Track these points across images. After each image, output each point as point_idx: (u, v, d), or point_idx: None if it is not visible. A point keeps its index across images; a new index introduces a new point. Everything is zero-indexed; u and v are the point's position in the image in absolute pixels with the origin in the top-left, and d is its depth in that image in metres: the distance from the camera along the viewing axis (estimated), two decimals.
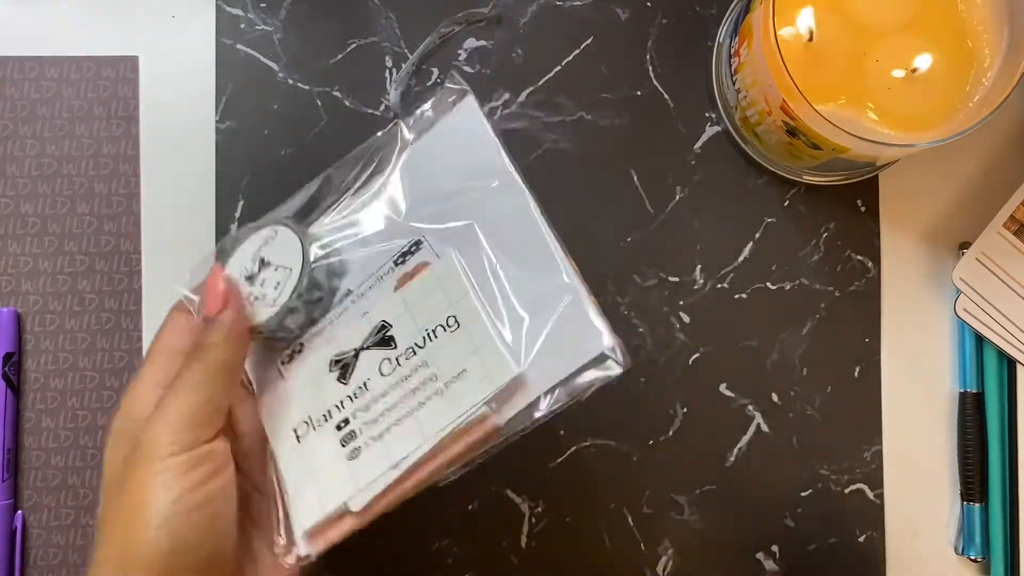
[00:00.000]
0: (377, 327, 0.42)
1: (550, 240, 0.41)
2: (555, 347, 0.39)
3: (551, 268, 0.40)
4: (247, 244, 0.43)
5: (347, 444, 0.41)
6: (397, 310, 0.42)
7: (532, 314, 0.40)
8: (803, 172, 0.53)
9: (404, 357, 0.41)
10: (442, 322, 0.41)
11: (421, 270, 0.42)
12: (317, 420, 0.42)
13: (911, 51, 0.46)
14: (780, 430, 0.54)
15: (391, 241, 0.43)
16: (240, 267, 0.43)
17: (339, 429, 0.41)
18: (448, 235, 0.42)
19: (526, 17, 0.55)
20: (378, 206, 0.44)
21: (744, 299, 0.54)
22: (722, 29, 0.54)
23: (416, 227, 0.43)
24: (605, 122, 0.55)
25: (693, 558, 0.54)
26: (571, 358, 0.39)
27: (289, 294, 0.42)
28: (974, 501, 0.53)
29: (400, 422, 0.40)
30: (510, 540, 0.54)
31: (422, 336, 0.41)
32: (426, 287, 0.41)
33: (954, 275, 0.53)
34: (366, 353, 0.42)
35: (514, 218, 0.41)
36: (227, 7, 0.55)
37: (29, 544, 0.53)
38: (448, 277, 0.41)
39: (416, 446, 0.40)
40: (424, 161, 0.44)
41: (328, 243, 0.44)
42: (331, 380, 0.42)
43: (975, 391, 0.53)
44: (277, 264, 0.42)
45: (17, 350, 0.53)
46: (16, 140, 0.54)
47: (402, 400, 0.41)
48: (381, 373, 0.41)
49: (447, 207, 0.43)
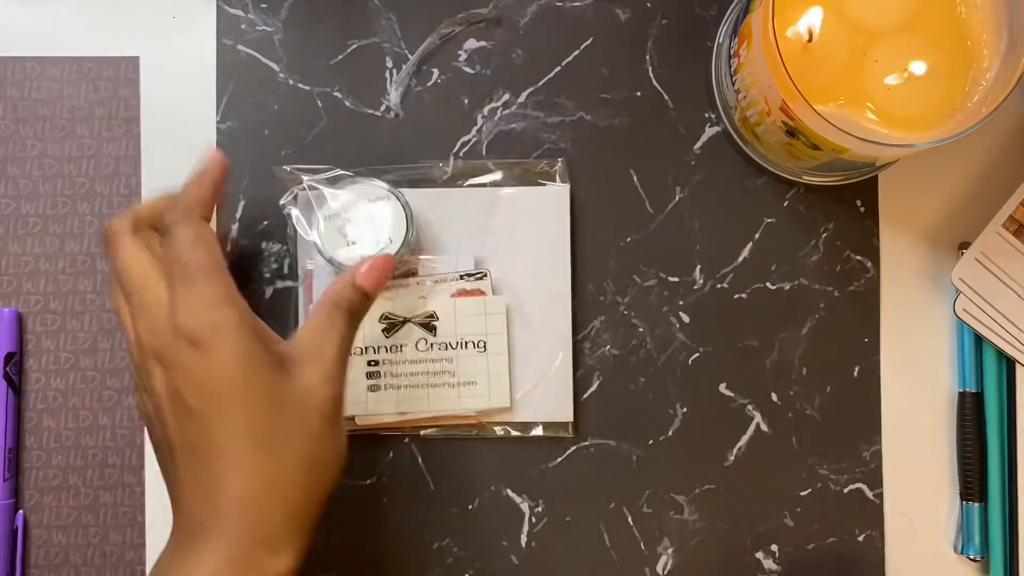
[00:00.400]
0: (429, 312, 0.53)
1: (568, 315, 0.54)
2: (538, 395, 0.53)
3: (561, 334, 0.54)
4: (361, 187, 0.51)
5: (371, 379, 0.53)
6: (447, 310, 0.53)
7: (533, 364, 0.53)
8: (802, 172, 0.53)
9: (438, 347, 0.53)
10: (474, 341, 0.53)
11: (476, 294, 0.53)
12: (355, 348, 0.52)
13: (910, 52, 0.46)
14: (779, 430, 0.54)
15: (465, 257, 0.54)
16: (351, 203, 0.50)
17: (369, 364, 0.53)
18: (505, 275, 0.54)
19: (526, 17, 0.55)
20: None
21: (744, 299, 0.55)
22: (722, 30, 0.54)
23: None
24: (605, 122, 0.55)
25: (693, 558, 0.54)
26: (543, 411, 0.54)
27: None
28: (973, 501, 0.53)
29: (415, 388, 0.53)
30: (510, 540, 0.54)
31: (456, 341, 0.53)
32: (475, 309, 0.53)
33: (953, 275, 0.53)
34: (411, 325, 0.53)
35: (553, 297, 0.54)
36: (228, 8, 0.55)
37: (30, 544, 0.54)
38: (493, 314, 0.53)
39: (420, 410, 0.53)
40: (510, 205, 0.54)
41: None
42: (377, 327, 0.53)
43: (974, 391, 0.53)
44: (381, 227, 0.50)
45: (18, 350, 0.54)
46: (17, 140, 0.54)
47: (423, 374, 0.53)
48: (416, 347, 0.53)
49: (514, 252, 0.54)
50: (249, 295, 0.54)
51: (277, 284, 0.54)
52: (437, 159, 0.54)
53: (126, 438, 0.54)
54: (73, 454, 0.54)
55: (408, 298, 0.53)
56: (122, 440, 0.54)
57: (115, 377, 0.54)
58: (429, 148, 0.54)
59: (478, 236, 0.54)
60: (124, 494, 0.54)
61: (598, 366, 0.54)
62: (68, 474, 0.54)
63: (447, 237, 0.54)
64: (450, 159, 0.54)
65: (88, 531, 0.54)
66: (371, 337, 0.53)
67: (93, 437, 0.54)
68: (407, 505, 0.54)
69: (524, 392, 0.53)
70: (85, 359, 0.54)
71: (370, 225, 0.50)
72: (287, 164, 0.53)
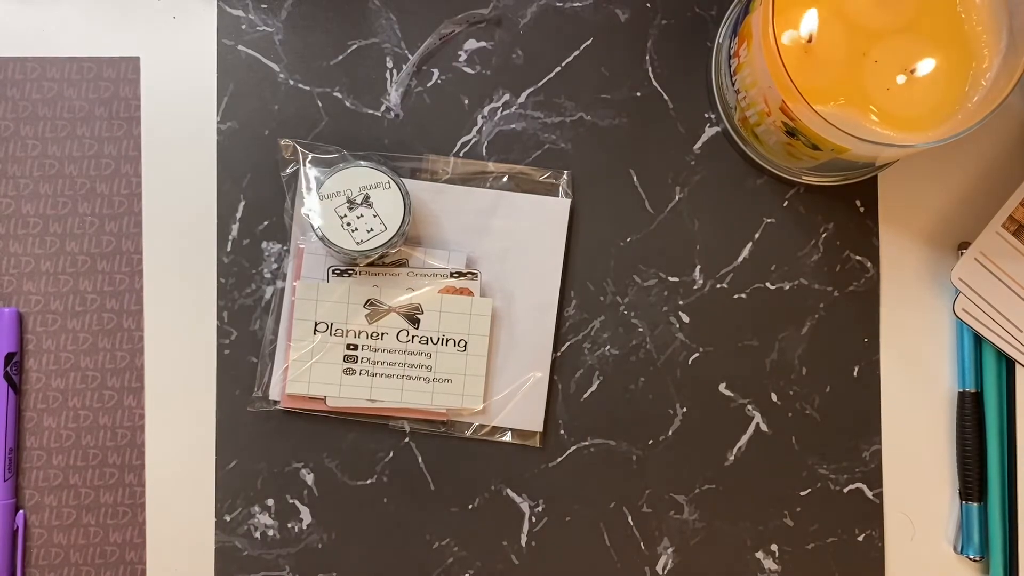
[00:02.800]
0: (415, 305, 0.53)
1: (551, 328, 0.54)
2: (510, 403, 0.54)
3: (542, 346, 0.54)
4: (363, 171, 0.51)
5: (348, 362, 0.53)
6: (433, 305, 0.53)
7: (509, 371, 0.54)
8: (802, 172, 0.53)
9: (419, 339, 0.53)
10: (456, 339, 0.53)
11: (464, 293, 0.53)
12: (336, 330, 0.53)
13: (910, 52, 0.46)
14: (779, 430, 0.54)
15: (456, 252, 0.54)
16: (351, 185, 0.51)
17: (348, 348, 0.53)
18: (495, 279, 0.54)
19: (526, 18, 0.55)
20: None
21: (743, 299, 0.55)
22: (722, 30, 0.54)
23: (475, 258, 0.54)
24: (605, 122, 0.55)
25: (693, 557, 0.54)
26: (514, 418, 0.54)
27: (374, 247, 0.50)
28: (973, 500, 0.53)
29: (390, 377, 0.53)
30: (510, 540, 0.54)
31: (438, 336, 0.53)
32: (461, 308, 0.53)
33: (953, 275, 0.53)
34: (395, 315, 0.53)
35: (539, 307, 0.54)
36: (228, 8, 0.55)
37: (30, 544, 0.54)
38: (478, 315, 0.53)
39: (392, 400, 0.53)
40: (510, 210, 0.54)
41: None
42: (360, 311, 0.53)
43: (974, 391, 0.53)
44: (378, 213, 0.50)
45: (19, 350, 0.54)
46: (18, 140, 0.54)
47: (399, 365, 0.53)
48: (398, 338, 0.53)
49: (507, 258, 0.54)
50: (249, 295, 0.54)
51: (277, 284, 0.54)
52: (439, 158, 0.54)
53: (126, 438, 0.54)
54: (73, 454, 0.54)
55: (396, 287, 0.53)
56: (122, 440, 0.54)
57: (115, 377, 0.54)
58: (429, 148, 0.54)
59: (474, 236, 0.54)
60: (124, 494, 0.54)
61: (598, 366, 0.54)
62: (68, 474, 0.54)
63: (442, 232, 0.54)
64: (450, 159, 0.54)
65: (88, 531, 0.54)
66: (353, 321, 0.53)
67: (93, 437, 0.54)
68: (407, 505, 0.54)
69: (497, 397, 0.54)
70: (85, 359, 0.54)
71: (368, 210, 0.50)
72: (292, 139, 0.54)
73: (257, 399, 0.53)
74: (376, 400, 0.53)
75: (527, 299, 0.54)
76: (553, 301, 0.54)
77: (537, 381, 0.54)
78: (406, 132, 0.55)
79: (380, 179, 0.51)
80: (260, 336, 0.54)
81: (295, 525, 0.54)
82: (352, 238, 0.50)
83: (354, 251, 0.50)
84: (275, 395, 0.53)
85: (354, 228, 0.50)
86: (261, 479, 0.54)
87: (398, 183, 0.51)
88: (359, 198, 0.51)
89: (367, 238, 0.50)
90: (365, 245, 0.50)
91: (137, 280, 0.54)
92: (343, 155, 0.53)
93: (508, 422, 0.54)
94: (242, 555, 0.53)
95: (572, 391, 0.54)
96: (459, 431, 0.54)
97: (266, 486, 0.54)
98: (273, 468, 0.54)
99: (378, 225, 0.50)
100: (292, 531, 0.54)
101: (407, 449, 0.54)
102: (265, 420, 0.54)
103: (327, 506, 0.54)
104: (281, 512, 0.53)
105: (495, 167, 0.54)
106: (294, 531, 0.54)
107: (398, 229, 0.50)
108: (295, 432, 0.54)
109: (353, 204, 0.50)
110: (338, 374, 0.53)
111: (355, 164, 0.51)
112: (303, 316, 0.53)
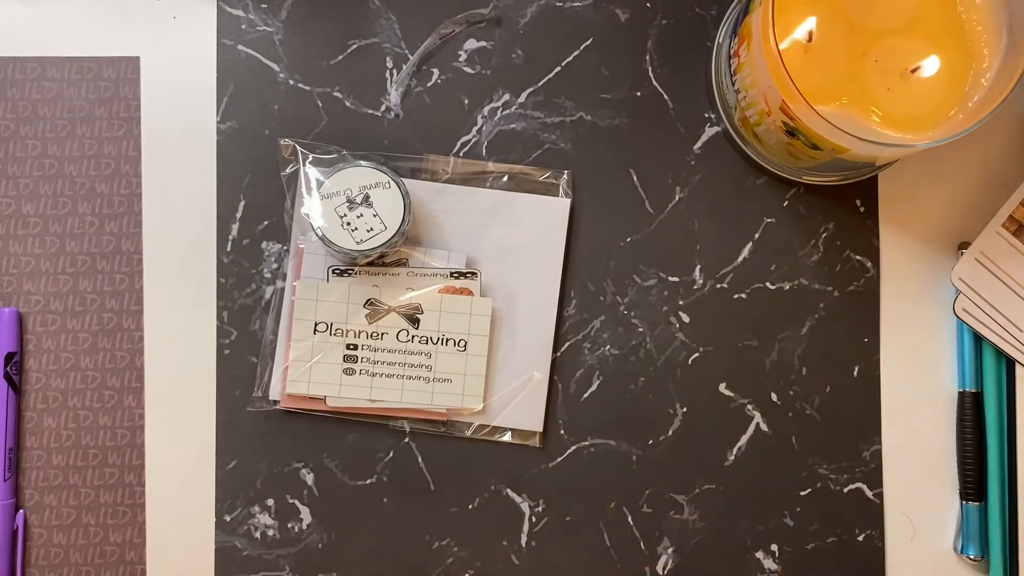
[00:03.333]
0: (415, 305, 0.53)
1: (551, 328, 0.54)
2: (510, 403, 0.54)
3: (542, 347, 0.54)
4: (363, 171, 0.51)
5: (348, 362, 0.53)
6: (433, 305, 0.53)
7: (509, 371, 0.54)
8: (802, 172, 0.53)
9: (418, 339, 0.53)
10: (456, 339, 0.53)
11: (464, 293, 0.53)
12: (336, 329, 0.53)
13: (910, 52, 0.46)
14: (779, 430, 0.54)
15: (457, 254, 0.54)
16: (351, 185, 0.51)
17: (348, 348, 0.53)
18: (495, 279, 0.54)
19: (526, 18, 0.55)
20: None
21: (743, 299, 0.55)
22: (722, 30, 0.54)
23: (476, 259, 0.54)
24: (605, 122, 0.55)
25: (693, 557, 0.54)
26: (514, 418, 0.54)
27: (374, 247, 0.51)
28: (973, 500, 0.53)
29: (389, 377, 0.53)
30: (510, 540, 0.54)
31: (438, 336, 0.53)
32: (461, 308, 0.53)
33: (953, 275, 0.53)
34: (395, 314, 0.53)
35: (539, 308, 0.54)
36: (228, 8, 0.55)
37: (30, 543, 0.54)
38: (478, 315, 0.53)
39: (391, 400, 0.53)
40: (510, 210, 0.54)
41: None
42: (360, 311, 0.53)
43: (974, 390, 0.53)
44: (378, 212, 0.51)
45: (19, 350, 0.54)
46: (18, 140, 0.54)
47: (399, 365, 0.53)
48: (397, 338, 0.53)
49: (507, 258, 0.54)
50: (249, 295, 0.54)
51: (277, 284, 0.54)
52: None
53: (126, 438, 0.54)
54: (73, 454, 0.54)
55: (396, 287, 0.53)
56: (122, 440, 0.54)
57: (115, 377, 0.54)
58: (429, 148, 0.54)
59: (474, 236, 0.54)
60: (124, 494, 0.54)
61: (598, 366, 0.54)
62: (68, 474, 0.54)
63: (442, 232, 0.54)
64: (450, 159, 0.54)
65: (88, 531, 0.54)
66: (353, 320, 0.53)
67: (93, 437, 0.54)
68: (407, 505, 0.54)
69: (497, 397, 0.54)
70: (85, 359, 0.54)
71: (368, 209, 0.51)
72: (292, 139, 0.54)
73: (257, 399, 0.53)
74: (376, 400, 0.53)
75: (527, 299, 0.54)
76: (553, 301, 0.54)
77: (537, 381, 0.54)
78: (406, 132, 0.55)
79: (380, 179, 0.51)
80: (260, 336, 0.54)
81: (295, 525, 0.54)
82: (352, 238, 0.50)
83: (354, 251, 0.50)
84: (275, 395, 0.53)
85: (354, 228, 0.51)
86: (261, 479, 0.54)
87: (398, 183, 0.51)
88: (359, 198, 0.51)
89: (367, 238, 0.51)
90: (365, 245, 0.50)
91: (137, 280, 0.54)
92: (343, 155, 0.53)
93: (508, 422, 0.54)
94: (242, 555, 0.53)
95: (572, 391, 0.54)
96: (459, 431, 0.54)
97: (266, 486, 0.54)
98: (273, 468, 0.54)
99: (378, 225, 0.51)
100: (292, 531, 0.54)
101: (407, 449, 0.54)
102: (265, 420, 0.54)
103: (327, 506, 0.54)
104: (281, 512, 0.53)
105: (495, 167, 0.54)
106: (294, 531, 0.54)
107: (398, 229, 0.51)
108: (295, 432, 0.54)
109: (353, 204, 0.51)
110: (338, 374, 0.53)
111: (355, 164, 0.51)
112: (303, 316, 0.53)
